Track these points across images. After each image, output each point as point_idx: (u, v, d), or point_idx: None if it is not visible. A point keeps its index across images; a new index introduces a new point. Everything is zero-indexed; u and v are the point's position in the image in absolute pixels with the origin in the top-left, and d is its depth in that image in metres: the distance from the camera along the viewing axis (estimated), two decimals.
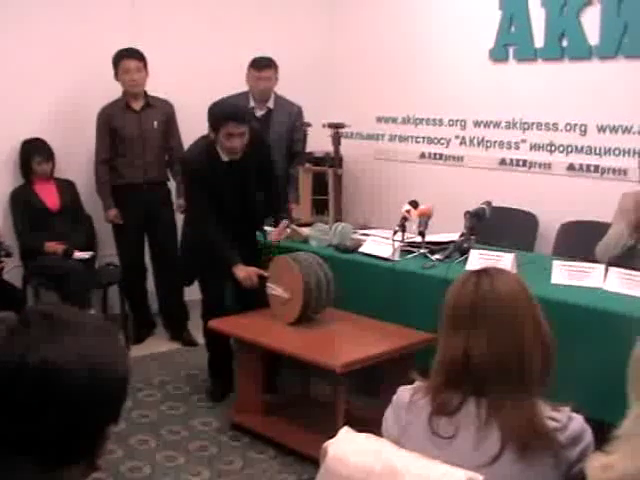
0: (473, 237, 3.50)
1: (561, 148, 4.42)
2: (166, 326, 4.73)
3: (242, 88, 4.56)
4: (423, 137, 5.09)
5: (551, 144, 4.46)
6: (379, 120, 5.32)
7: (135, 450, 3.26)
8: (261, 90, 4.50)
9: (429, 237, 3.56)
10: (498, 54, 4.61)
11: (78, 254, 4.21)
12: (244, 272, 3.50)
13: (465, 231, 3.50)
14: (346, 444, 1.52)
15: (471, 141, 4.84)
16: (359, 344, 3.14)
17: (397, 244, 3.50)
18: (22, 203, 4.31)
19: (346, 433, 1.56)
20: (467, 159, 4.87)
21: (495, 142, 4.71)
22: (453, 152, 4.94)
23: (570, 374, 2.60)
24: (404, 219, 3.52)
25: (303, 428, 3.28)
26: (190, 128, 4.30)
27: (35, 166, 4.32)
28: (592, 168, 4.29)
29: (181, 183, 4.19)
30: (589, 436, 1.49)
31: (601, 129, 4.24)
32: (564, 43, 4.32)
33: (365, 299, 3.47)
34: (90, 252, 4.31)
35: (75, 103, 4.57)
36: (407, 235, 3.59)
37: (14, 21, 4.37)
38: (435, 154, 5.04)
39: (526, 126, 4.55)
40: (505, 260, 3.18)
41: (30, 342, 0.99)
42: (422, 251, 3.51)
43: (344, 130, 4.42)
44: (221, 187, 3.53)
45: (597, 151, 4.27)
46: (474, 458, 1.47)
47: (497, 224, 4.01)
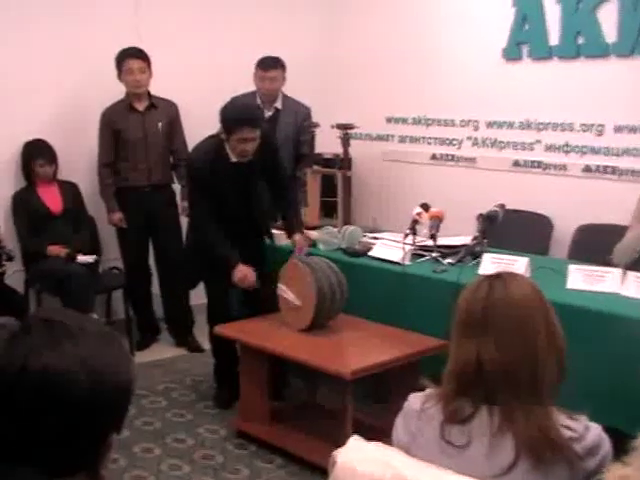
0: (486, 240, 3.49)
1: (577, 149, 4.40)
2: (171, 331, 4.74)
3: (248, 88, 4.57)
4: (434, 138, 5.08)
5: (566, 145, 4.44)
6: (389, 121, 5.32)
7: (139, 459, 3.27)
8: (267, 90, 4.51)
9: (440, 240, 3.55)
10: (511, 53, 4.60)
11: (81, 258, 4.22)
12: (240, 273, 3.50)
13: (478, 234, 3.49)
14: (355, 453, 1.51)
15: (484, 142, 4.83)
16: (368, 350, 3.13)
17: (407, 248, 3.49)
18: (24, 206, 4.32)
19: (355, 442, 1.56)
20: (480, 160, 4.86)
21: (509, 143, 4.70)
22: (465, 153, 4.92)
23: (586, 382, 2.59)
24: (415, 222, 3.52)
25: (311, 436, 3.27)
26: (194, 129, 4.32)
27: (37, 168, 4.34)
28: (609, 169, 4.27)
29: (186, 184, 4.20)
30: (607, 446, 1.48)
31: (618, 129, 4.22)
32: (580, 41, 4.30)
33: (374, 304, 3.46)
34: (93, 256, 4.32)
35: (77, 104, 4.59)
36: (418, 238, 3.60)
37: (16, 21, 4.39)
38: (447, 155, 5.03)
39: (541, 126, 4.53)
40: (519, 264, 3.17)
41: (31, 348, 0.99)
42: (433, 255, 3.51)
43: (353, 131, 4.42)
44: (226, 188, 3.54)
45: (614, 152, 4.25)
46: (487, 468, 1.46)
47: (510, 227, 3.99)
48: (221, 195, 3.54)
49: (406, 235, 3.48)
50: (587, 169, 4.37)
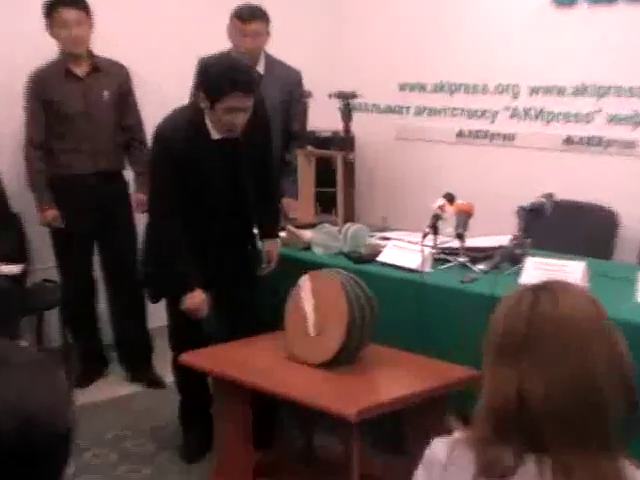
0: (529, 241, 3.50)
1: None
2: (123, 362, 4.74)
3: (223, 46, 4.57)
4: (461, 109, 5.09)
5: (636, 115, 4.45)
6: (402, 88, 5.32)
7: None
8: (248, 49, 4.51)
9: (469, 241, 3.56)
10: None
11: (3, 268, 4.22)
12: (192, 301, 3.52)
13: (518, 233, 3.50)
14: None
15: (526, 114, 4.83)
16: (379, 384, 3.14)
17: (427, 251, 3.49)
18: None
19: None
20: (520, 138, 4.86)
21: (558, 114, 4.71)
22: (501, 129, 4.93)
23: None
24: (436, 218, 3.52)
25: None
26: (152, 102, 4.33)
27: None
28: None
29: (147, 168, 4.12)
30: None
31: None
32: None
33: (386, 323, 3.45)
34: (19, 265, 4.31)
35: None
36: (440, 239, 3.59)
37: None
38: (477, 132, 5.03)
39: (601, 92, 4.54)
40: (572, 271, 3.17)
41: None
42: (461, 260, 3.51)
43: (357, 101, 4.43)
44: (205, 173, 3.52)
45: None
46: None
47: (561, 223, 3.99)
48: (197, 183, 3.52)
49: (425, 235, 3.48)
50: None
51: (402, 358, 3.31)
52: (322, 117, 4.79)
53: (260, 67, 4.59)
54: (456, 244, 3.55)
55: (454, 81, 5.10)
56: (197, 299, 3.54)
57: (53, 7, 4.35)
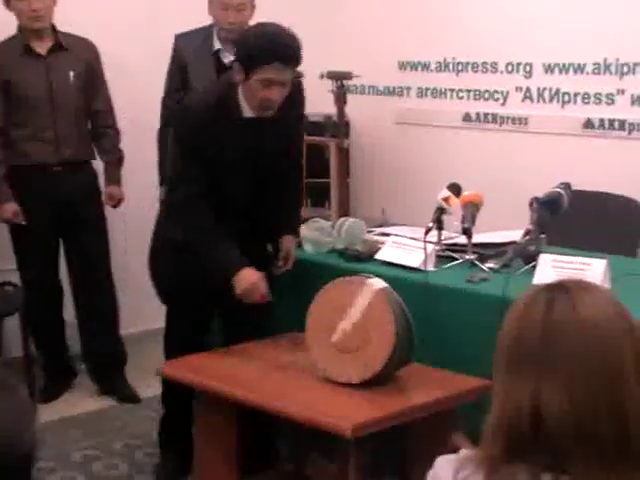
0: (543, 236, 3.50)
1: None
2: (92, 374, 4.74)
3: (201, 22, 4.56)
4: (468, 90, 5.09)
5: None
6: (402, 67, 5.32)
7: None
8: (231, 24, 4.50)
9: (478, 237, 3.56)
10: None
11: None
12: (246, 282, 3.44)
13: (532, 227, 3.50)
14: None
15: (540, 95, 4.84)
16: (378, 395, 3.13)
17: (431, 248, 3.50)
18: None
19: None
20: (534, 121, 4.87)
21: (576, 95, 4.71)
22: (513, 111, 4.93)
23: None
24: (441, 211, 3.52)
25: None
26: (121, 85, 4.32)
27: None
28: None
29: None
30: None
31: None
32: None
33: None
34: None
35: None
36: (445, 234, 3.60)
37: None
38: (486, 115, 5.04)
39: (625, 69, 4.54)
40: (593, 270, 3.17)
41: None
42: (468, 257, 3.51)
43: (352, 82, 4.43)
44: (233, 155, 3.48)
45: None
46: None
47: (580, 217, 3.99)
48: (219, 167, 3.49)
49: (428, 230, 3.48)
50: None
51: (404, 368, 3.30)
52: (313, 100, 4.75)
53: None
54: (462, 240, 3.55)
55: (460, 59, 5.10)
56: (251, 275, 3.46)
57: None
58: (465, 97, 5.12)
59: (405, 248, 3.61)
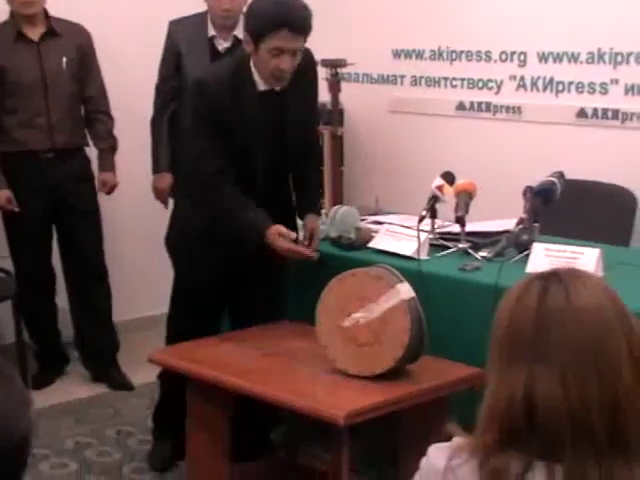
0: (537, 225, 3.50)
1: None
2: (85, 361, 4.74)
3: (195, 8, 4.55)
4: (462, 79, 5.08)
5: None
6: (396, 55, 5.31)
7: None
8: (225, 11, 4.49)
9: (471, 226, 3.56)
10: None
11: None
12: (280, 240, 3.40)
13: (525, 216, 3.50)
14: None
15: (534, 84, 4.83)
16: (371, 384, 3.13)
17: (424, 236, 3.50)
18: None
19: None
20: (527, 110, 4.86)
21: (570, 84, 4.70)
22: (507, 100, 4.93)
23: None
24: (434, 199, 3.52)
25: None
26: (114, 70, 4.30)
27: None
28: None
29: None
30: None
31: None
32: None
33: None
34: None
35: None
36: (439, 223, 3.60)
37: None
38: (480, 104, 5.03)
39: (619, 59, 4.53)
40: (586, 258, 3.18)
41: None
42: (461, 246, 3.52)
43: (345, 70, 4.42)
44: (246, 130, 3.46)
45: None
46: None
47: (574, 206, 4.00)
48: (236, 141, 3.46)
49: (422, 218, 3.49)
50: None
51: None
52: None
53: (238, 31, 4.56)
54: (456, 229, 3.54)
55: (454, 47, 5.09)
56: (279, 229, 3.43)
57: None
58: (459, 86, 5.11)
59: (398, 236, 3.61)
